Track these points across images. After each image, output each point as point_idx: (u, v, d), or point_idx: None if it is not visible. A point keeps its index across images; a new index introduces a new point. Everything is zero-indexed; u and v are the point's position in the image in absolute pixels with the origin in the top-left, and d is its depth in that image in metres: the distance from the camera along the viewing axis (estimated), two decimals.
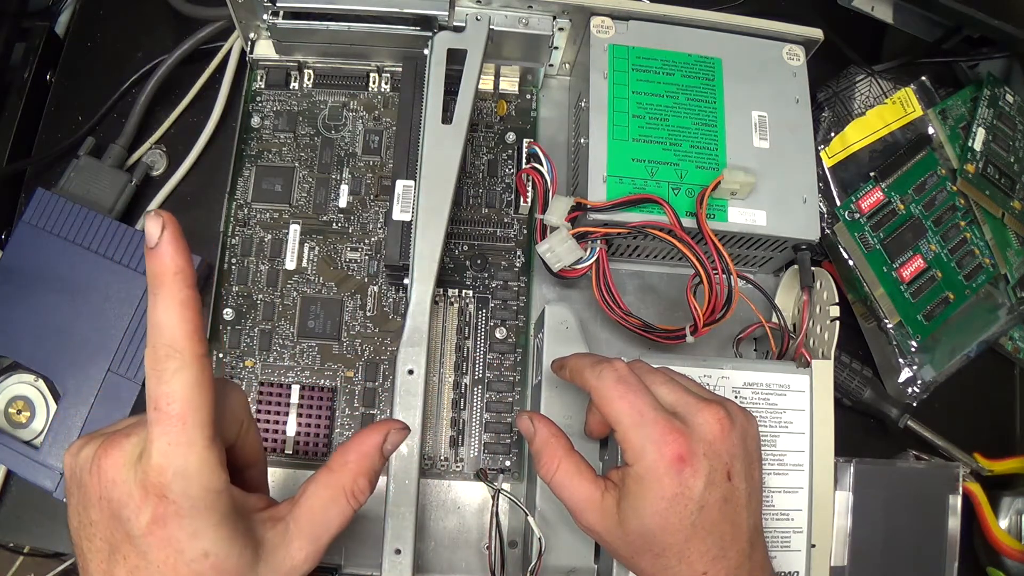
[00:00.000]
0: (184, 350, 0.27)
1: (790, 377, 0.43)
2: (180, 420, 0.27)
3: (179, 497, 0.27)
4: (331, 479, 0.32)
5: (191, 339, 0.27)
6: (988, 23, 0.52)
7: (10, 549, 0.50)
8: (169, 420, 0.27)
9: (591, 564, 0.42)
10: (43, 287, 0.45)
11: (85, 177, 0.49)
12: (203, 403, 0.27)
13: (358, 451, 0.33)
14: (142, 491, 0.27)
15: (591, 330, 0.49)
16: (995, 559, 0.50)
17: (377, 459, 0.33)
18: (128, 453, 0.28)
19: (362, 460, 0.33)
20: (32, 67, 0.52)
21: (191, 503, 0.27)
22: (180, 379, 0.27)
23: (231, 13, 0.48)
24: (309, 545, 0.30)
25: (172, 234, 0.27)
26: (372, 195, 0.51)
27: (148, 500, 0.27)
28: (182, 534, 0.27)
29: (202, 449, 0.27)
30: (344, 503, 0.32)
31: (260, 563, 0.29)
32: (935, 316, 0.52)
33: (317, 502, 0.31)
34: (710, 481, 0.33)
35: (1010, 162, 0.56)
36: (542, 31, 0.49)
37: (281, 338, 0.48)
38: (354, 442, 0.33)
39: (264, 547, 0.29)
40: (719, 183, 0.45)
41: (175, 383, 0.27)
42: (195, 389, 0.27)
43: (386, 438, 0.34)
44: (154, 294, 0.27)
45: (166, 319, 0.27)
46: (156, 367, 0.27)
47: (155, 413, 0.27)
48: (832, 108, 0.56)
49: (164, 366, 0.27)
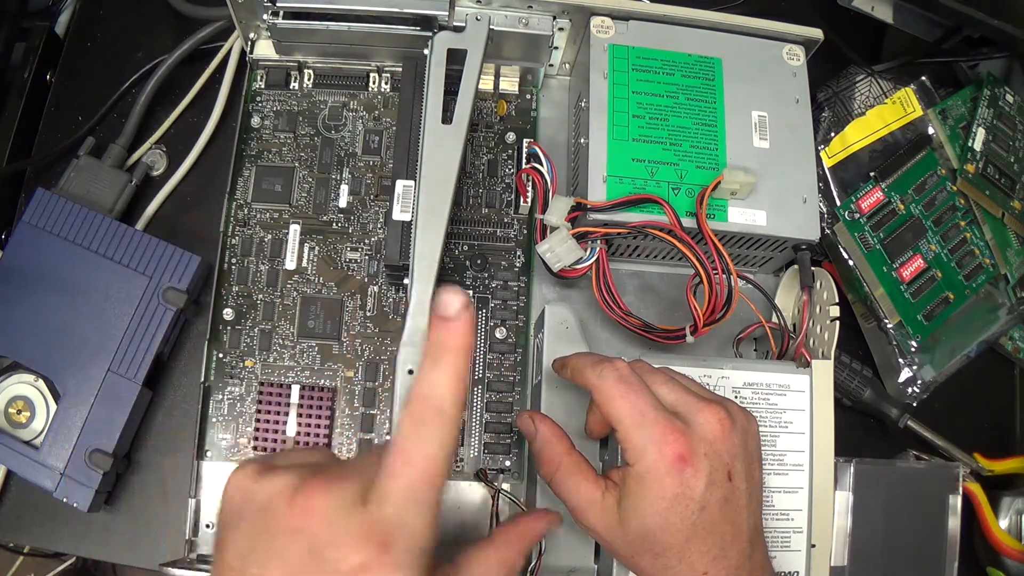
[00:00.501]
0: (449, 415, 0.28)
1: (790, 377, 0.43)
2: (428, 481, 0.27)
3: (399, 552, 0.27)
4: (494, 554, 0.33)
5: (458, 408, 0.28)
6: (988, 23, 0.52)
7: (10, 549, 0.50)
8: (418, 476, 0.27)
9: (591, 564, 0.42)
10: (43, 287, 0.45)
11: (85, 177, 0.49)
12: (445, 468, 0.28)
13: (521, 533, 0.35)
14: (362, 535, 0.27)
15: (591, 330, 0.49)
16: (995, 559, 0.50)
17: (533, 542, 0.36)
18: (346, 496, 0.28)
19: (523, 541, 0.35)
20: (32, 67, 0.52)
21: (408, 559, 0.27)
22: (440, 442, 0.28)
23: (231, 13, 0.48)
24: None
25: (472, 315, 0.29)
26: (372, 195, 0.51)
27: (366, 545, 0.27)
28: None
29: (433, 512, 0.28)
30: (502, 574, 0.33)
31: None
32: (935, 316, 0.52)
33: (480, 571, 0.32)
34: (711, 481, 0.33)
35: (1010, 162, 0.56)
36: (542, 31, 0.49)
37: (281, 338, 0.48)
38: (520, 523, 0.35)
39: None
40: (719, 183, 0.45)
41: (434, 445, 0.28)
42: (448, 455, 0.28)
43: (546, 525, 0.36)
44: (436, 360, 0.28)
45: (445, 383, 0.28)
46: (419, 424, 0.28)
47: (403, 467, 0.27)
48: (832, 108, 0.56)
49: (428, 426, 0.28)
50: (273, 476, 0.29)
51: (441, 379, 0.28)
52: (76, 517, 0.45)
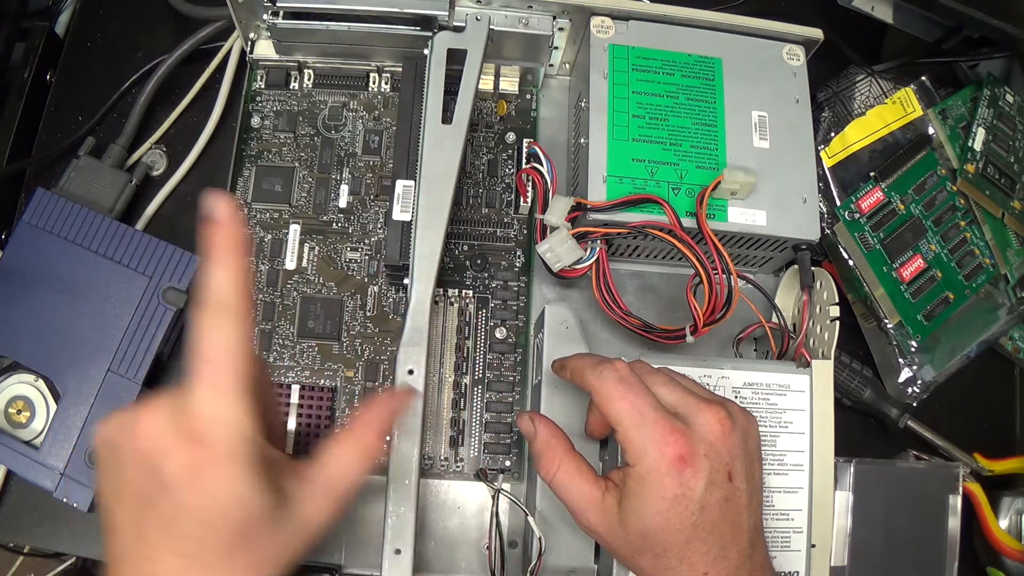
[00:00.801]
0: (233, 307, 0.29)
1: (790, 377, 0.43)
2: (223, 370, 0.29)
3: (215, 442, 0.28)
4: (348, 437, 0.34)
5: (242, 300, 0.30)
6: (988, 23, 0.52)
7: (10, 549, 0.50)
8: (213, 369, 0.29)
9: (591, 564, 0.42)
10: (43, 287, 0.45)
11: (85, 177, 0.49)
12: (242, 357, 0.29)
13: (374, 413, 0.35)
14: (181, 437, 0.28)
15: (591, 330, 0.49)
16: (995, 559, 0.50)
17: (390, 422, 0.36)
18: (166, 408, 0.29)
19: (378, 421, 0.35)
20: (32, 67, 0.52)
21: (226, 448, 0.28)
22: (228, 333, 0.29)
23: (231, 13, 0.48)
24: (329, 498, 0.32)
25: (236, 210, 0.30)
26: (372, 195, 0.51)
27: (184, 446, 0.28)
28: (216, 477, 0.28)
29: (240, 398, 0.29)
30: (360, 459, 0.33)
31: (284, 512, 0.30)
32: (935, 316, 0.52)
33: (336, 458, 0.33)
34: (711, 481, 0.33)
35: (1010, 162, 0.56)
36: (542, 31, 0.49)
37: (281, 338, 0.48)
38: (370, 405, 0.35)
39: (288, 498, 0.31)
40: (719, 183, 0.45)
41: (223, 337, 0.29)
42: (240, 343, 0.29)
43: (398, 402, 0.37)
44: (213, 260, 0.29)
45: (224, 280, 0.29)
46: (206, 322, 0.29)
47: (200, 363, 0.29)
48: (832, 108, 0.56)
49: (214, 320, 0.29)
50: (117, 417, 0.30)
51: (219, 275, 0.29)
52: (76, 517, 0.45)
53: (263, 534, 0.30)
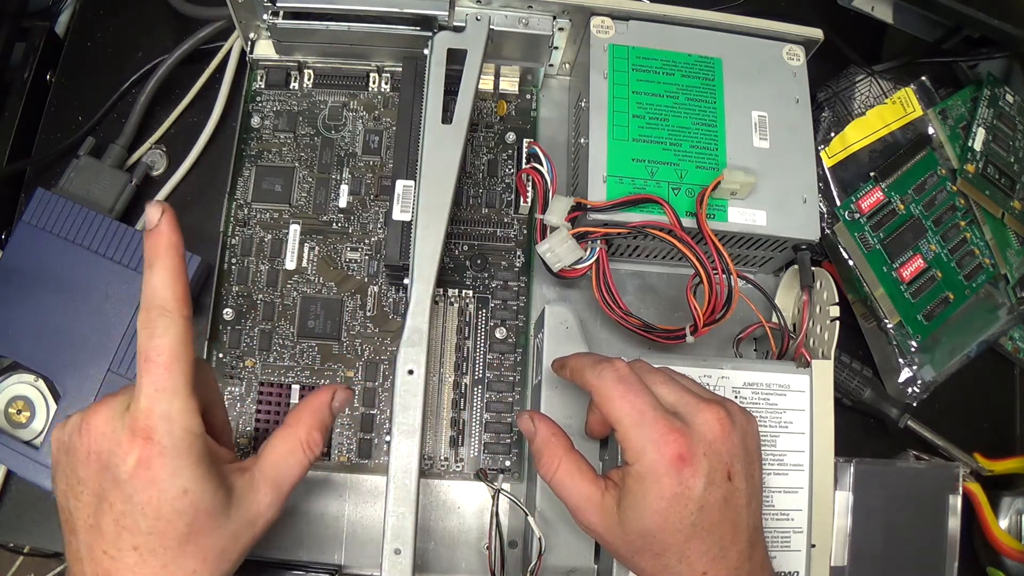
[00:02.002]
0: (174, 310, 0.31)
1: (790, 377, 0.43)
2: (167, 369, 0.30)
3: (163, 437, 0.30)
4: (289, 433, 0.35)
5: (180, 302, 0.31)
6: (988, 23, 0.52)
7: (10, 549, 0.50)
8: (157, 369, 0.30)
9: (591, 564, 0.42)
10: (43, 287, 0.45)
11: (85, 177, 0.49)
12: (186, 356, 0.31)
13: (311, 408, 0.36)
14: (129, 435, 0.30)
15: (591, 330, 0.49)
16: (995, 559, 0.50)
17: (327, 415, 0.37)
18: (115, 408, 0.31)
19: (314, 416, 0.36)
20: (32, 67, 0.52)
21: (173, 443, 0.30)
22: (169, 334, 0.30)
23: (231, 13, 0.48)
24: (273, 492, 0.34)
25: (171, 217, 0.31)
26: (372, 195, 0.51)
27: (135, 443, 0.30)
28: (164, 473, 0.30)
29: (184, 396, 0.30)
30: (301, 454, 0.35)
31: (231, 506, 0.32)
32: (935, 316, 0.52)
33: (278, 454, 0.35)
34: (710, 481, 0.33)
35: (1010, 162, 0.56)
36: (542, 31, 0.49)
37: (281, 338, 0.48)
38: (307, 401, 0.37)
39: (234, 492, 0.32)
40: (719, 183, 0.45)
41: (164, 338, 0.30)
42: (181, 344, 0.31)
43: (334, 397, 0.37)
44: (150, 265, 0.31)
45: (160, 283, 0.31)
46: (148, 325, 0.31)
47: (145, 364, 0.30)
48: (832, 108, 0.56)
49: (156, 323, 0.30)
50: (70, 419, 0.32)
51: (157, 280, 0.31)
52: None
53: (212, 527, 0.31)
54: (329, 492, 0.47)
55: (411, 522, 0.39)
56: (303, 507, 0.46)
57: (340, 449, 0.47)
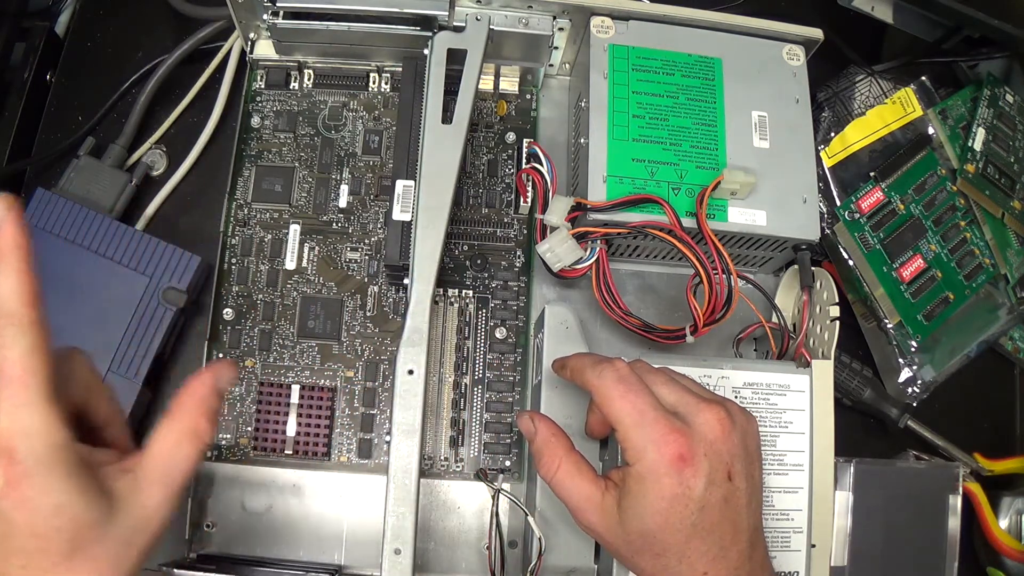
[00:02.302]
0: (20, 317, 0.28)
1: (790, 377, 0.43)
2: (20, 383, 0.28)
3: (26, 457, 0.28)
4: (174, 424, 0.32)
5: (27, 307, 0.28)
6: (988, 23, 0.52)
7: None
8: (10, 384, 0.28)
9: (591, 564, 0.42)
10: (43, 287, 0.45)
11: (85, 177, 0.49)
12: (40, 366, 0.28)
13: (194, 395, 0.33)
14: None
15: (591, 330, 0.49)
16: (995, 559, 0.50)
17: (214, 400, 0.34)
18: None
19: (199, 403, 0.33)
20: (32, 67, 0.52)
21: (36, 459, 0.28)
22: (19, 345, 0.28)
23: (231, 13, 0.48)
24: (162, 490, 0.31)
25: (15, 215, 0.29)
26: (372, 195, 0.51)
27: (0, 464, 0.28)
28: (34, 491, 0.28)
29: (42, 408, 0.28)
30: (190, 445, 0.32)
31: (115, 512, 0.30)
32: (935, 316, 0.52)
33: (164, 447, 0.32)
34: (711, 481, 0.33)
35: (1010, 162, 0.56)
36: (542, 31, 0.49)
37: (281, 338, 0.48)
38: (189, 387, 0.34)
39: (117, 497, 0.30)
40: (719, 183, 0.45)
41: (15, 349, 0.28)
42: (32, 353, 0.28)
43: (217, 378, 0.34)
44: None
45: (8, 287, 0.28)
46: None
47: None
48: (832, 108, 0.56)
49: (4, 335, 0.28)
50: None
51: (3, 287, 0.28)
52: None
53: (98, 537, 0.29)
54: (329, 492, 0.47)
55: (411, 522, 0.39)
56: (303, 507, 0.46)
57: (340, 449, 0.47)
